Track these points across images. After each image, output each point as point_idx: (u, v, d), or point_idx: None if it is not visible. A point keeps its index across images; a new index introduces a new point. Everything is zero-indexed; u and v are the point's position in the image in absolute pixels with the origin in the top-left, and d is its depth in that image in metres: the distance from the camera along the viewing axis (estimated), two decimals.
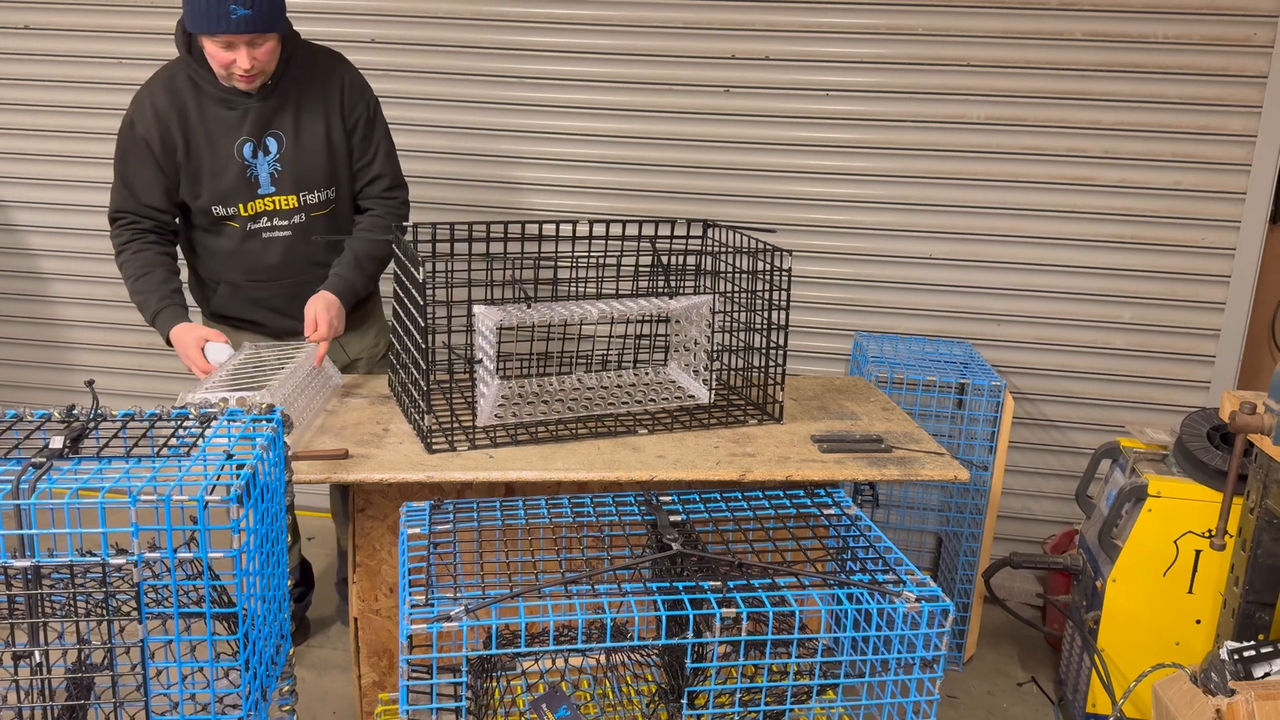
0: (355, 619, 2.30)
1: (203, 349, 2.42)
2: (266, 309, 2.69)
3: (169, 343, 2.51)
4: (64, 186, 3.72)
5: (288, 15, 2.46)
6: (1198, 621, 2.53)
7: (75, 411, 1.56)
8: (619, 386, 2.54)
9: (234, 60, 2.36)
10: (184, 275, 2.67)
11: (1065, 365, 3.43)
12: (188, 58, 2.46)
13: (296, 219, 2.59)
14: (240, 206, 2.54)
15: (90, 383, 1.74)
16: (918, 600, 1.46)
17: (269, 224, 2.58)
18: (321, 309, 2.50)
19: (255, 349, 2.48)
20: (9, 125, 3.69)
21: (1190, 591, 2.52)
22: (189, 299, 2.64)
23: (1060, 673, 2.85)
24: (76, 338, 3.87)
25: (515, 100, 3.47)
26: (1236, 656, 2.05)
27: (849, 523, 1.73)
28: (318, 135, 2.55)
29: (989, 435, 2.96)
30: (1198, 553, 2.50)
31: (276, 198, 2.55)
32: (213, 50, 2.37)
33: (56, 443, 1.45)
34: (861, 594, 1.50)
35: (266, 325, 2.73)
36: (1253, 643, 2.09)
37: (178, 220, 2.64)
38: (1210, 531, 2.45)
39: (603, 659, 1.81)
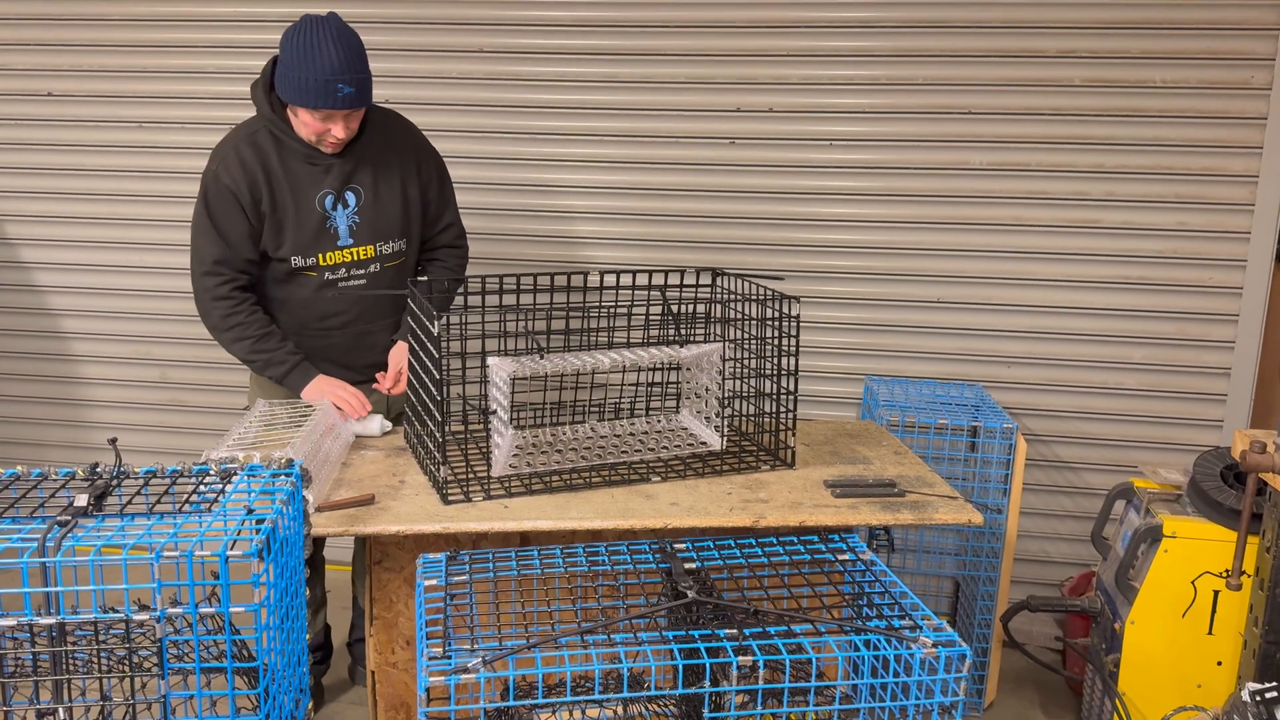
0: (372, 672, 2.30)
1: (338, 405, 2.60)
2: (324, 359, 2.74)
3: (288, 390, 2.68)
4: (85, 247, 3.80)
5: None
6: (1219, 663, 2.51)
7: (99, 469, 1.59)
8: (631, 434, 2.56)
9: (328, 130, 2.50)
10: None
11: (1077, 406, 3.44)
12: (270, 114, 2.56)
13: (372, 268, 2.71)
14: (320, 257, 2.65)
15: (113, 440, 1.77)
16: (935, 646, 1.46)
17: (346, 274, 2.69)
18: (405, 361, 2.62)
19: (269, 405, 2.51)
20: (33, 189, 3.78)
21: (1210, 632, 2.50)
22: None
23: (1082, 717, 2.82)
24: (99, 395, 3.91)
25: (524, 155, 3.54)
26: (1259, 698, 2.03)
27: (864, 568, 1.73)
28: (394, 189, 2.69)
29: (1002, 478, 2.96)
30: (1216, 593, 2.48)
31: (354, 249, 2.67)
32: (307, 119, 2.48)
33: (81, 500, 1.48)
34: (878, 640, 1.50)
35: None
36: (1274, 684, 2.06)
37: None
38: (1227, 572, 2.44)
39: (620, 709, 1.80)
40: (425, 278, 2.78)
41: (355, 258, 2.67)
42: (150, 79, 3.65)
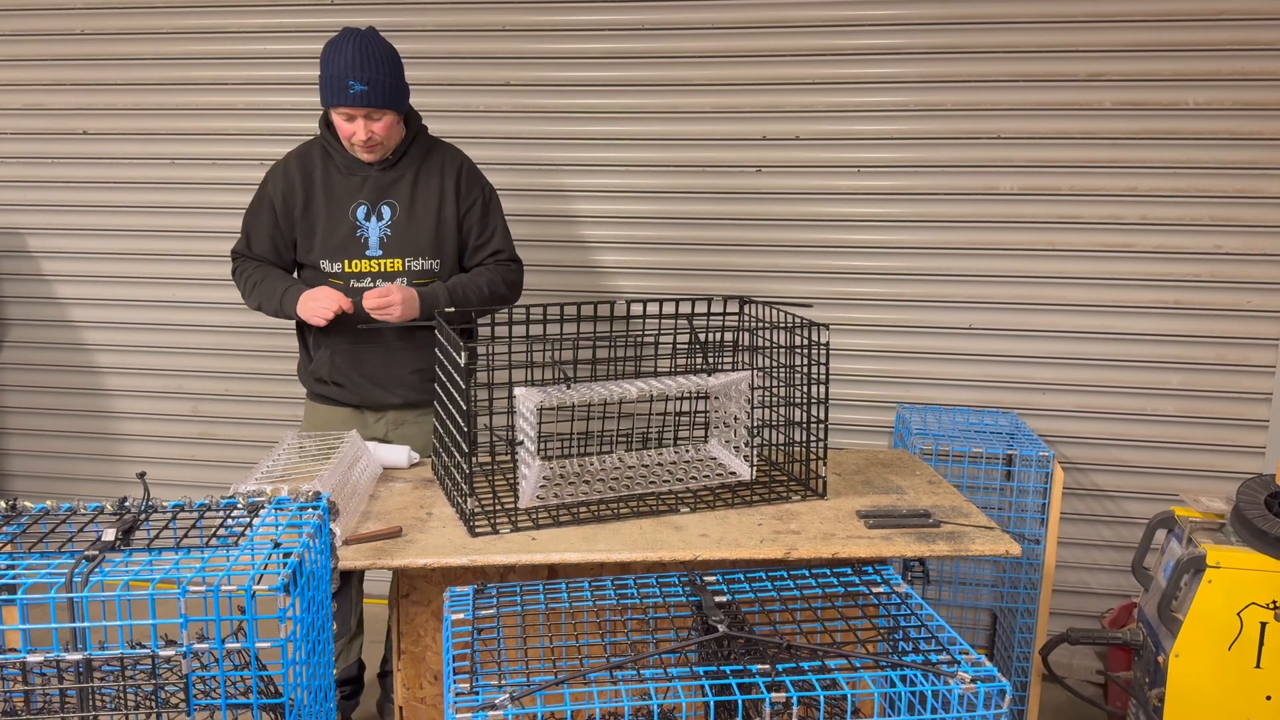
0: (400, 708, 2.28)
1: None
2: (358, 374, 2.77)
3: (293, 316, 2.70)
4: (118, 282, 3.85)
5: (422, 114, 2.82)
6: (1268, 697, 2.43)
7: (127, 503, 1.59)
8: (660, 465, 2.54)
9: (355, 132, 2.63)
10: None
11: (1115, 433, 3.37)
12: (325, 132, 2.75)
13: (398, 282, 2.73)
14: (346, 263, 2.72)
15: (142, 474, 1.77)
16: (973, 681, 1.42)
17: (371, 284, 2.73)
18: (394, 285, 2.65)
19: (297, 439, 2.51)
20: (67, 225, 3.84)
21: (1258, 666, 2.42)
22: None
23: None
24: (131, 429, 3.95)
25: (551, 186, 3.55)
26: None
27: (899, 601, 1.69)
28: (430, 208, 2.75)
29: (1039, 507, 2.90)
30: (1263, 625, 2.41)
31: (383, 260, 2.73)
32: (338, 122, 2.65)
33: (109, 535, 1.47)
34: (915, 675, 1.46)
35: (345, 400, 2.82)
36: None
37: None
38: (1275, 603, 2.37)
39: None
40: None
41: (382, 269, 2.72)
42: (182, 116, 3.71)
